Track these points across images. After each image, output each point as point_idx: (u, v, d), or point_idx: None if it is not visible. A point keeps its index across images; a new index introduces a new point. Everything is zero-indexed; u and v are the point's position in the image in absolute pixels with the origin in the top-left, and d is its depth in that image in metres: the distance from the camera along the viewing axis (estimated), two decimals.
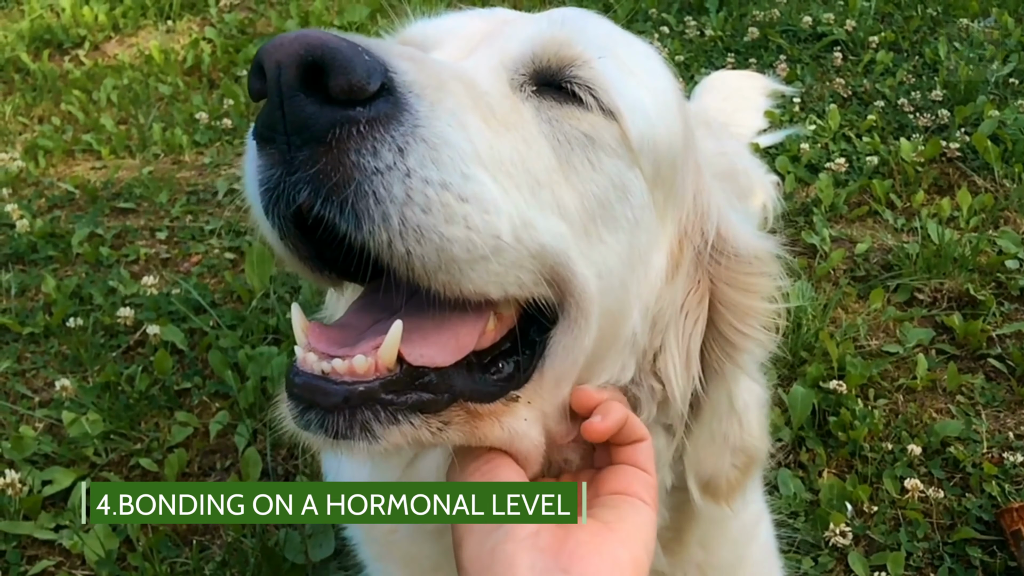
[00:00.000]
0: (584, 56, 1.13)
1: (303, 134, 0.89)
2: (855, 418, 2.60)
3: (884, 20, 5.30)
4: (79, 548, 2.32)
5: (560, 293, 1.10)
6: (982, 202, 3.55)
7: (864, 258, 3.33)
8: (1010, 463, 2.46)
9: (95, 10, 5.98)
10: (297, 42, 0.87)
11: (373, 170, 0.90)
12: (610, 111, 1.12)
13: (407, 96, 0.93)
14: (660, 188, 1.20)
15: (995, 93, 4.37)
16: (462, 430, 1.06)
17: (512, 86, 1.12)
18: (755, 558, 1.74)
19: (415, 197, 0.91)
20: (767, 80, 4.40)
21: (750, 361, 1.32)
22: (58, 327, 3.11)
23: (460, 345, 1.05)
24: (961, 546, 2.28)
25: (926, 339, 2.94)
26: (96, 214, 3.84)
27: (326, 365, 0.97)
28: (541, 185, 1.06)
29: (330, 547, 2.26)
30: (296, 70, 0.87)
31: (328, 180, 0.90)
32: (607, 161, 1.12)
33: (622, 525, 1.07)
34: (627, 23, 5.34)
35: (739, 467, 1.38)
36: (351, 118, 0.89)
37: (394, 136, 0.91)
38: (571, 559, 0.99)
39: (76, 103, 4.87)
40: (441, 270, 0.95)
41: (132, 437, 2.68)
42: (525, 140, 1.06)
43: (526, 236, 1.02)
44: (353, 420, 0.97)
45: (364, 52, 0.89)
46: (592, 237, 1.11)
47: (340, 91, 0.87)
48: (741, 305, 1.27)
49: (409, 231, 0.91)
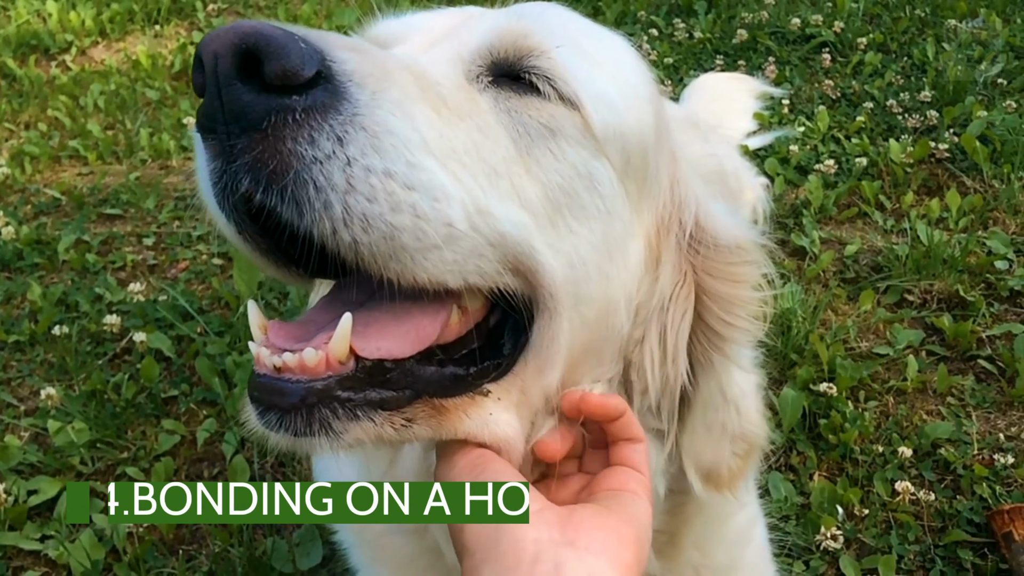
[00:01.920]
0: (542, 46, 1.12)
1: (240, 122, 0.89)
2: (845, 420, 2.59)
3: (872, 21, 5.30)
4: (65, 558, 2.30)
5: (531, 285, 1.09)
6: (971, 203, 3.55)
7: (854, 260, 3.33)
8: (1001, 465, 2.45)
9: (82, 15, 5.95)
10: (232, 32, 0.88)
11: (312, 158, 0.89)
12: (570, 100, 1.11)
13: (346, 84, 0.92)
14: (632, 178, 1.19)
15: (983, 94, 4.38)
16: (428, 425, 1.05)
17: (468, 77, 1.11)
18: (750, 561, 1.73)
19: (357, 185, 0.91)
20: (756, 82, 4.40)
21: (739, 351, 1.31)
22: (44, 335, 3.09)
23: (420, 337, 1.04)
24: (952, 548, 2.27)
25: (916, 341, 2.93)
26: (82, 220, 3.81)
27: (277, 360, 0.97)
28: (499, 175, 1.05)
29: (318, 555, 2.24)
30: (232, 59, 0.87)
31: (266, 167, 0.89)
32: (570, 151, 1.11)
33: (624, 509, 1.08)
34: (616, 25, 5.32)
35: (740, 454, 1.37)
36: (287, 106, 0.89)
37: (332, 125, 0.90)
38: (576, 533, 1.00)
39: (63, 109, 4.84)
40: (392, 259, 0.95)
41: (118, 446, 2.66)
42: (480, 130, 1.06)
43: (483, 224, 1.01)
44: (311, 419, 0.97)
45: (300, 40, 0.89)
46: (560, 227, 1.10)
47: (274, 77, 0.87)
48: (726, 295, 1.26)
49: (354, 219, 0.91)
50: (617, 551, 1.01)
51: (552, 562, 0.95)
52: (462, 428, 1.08)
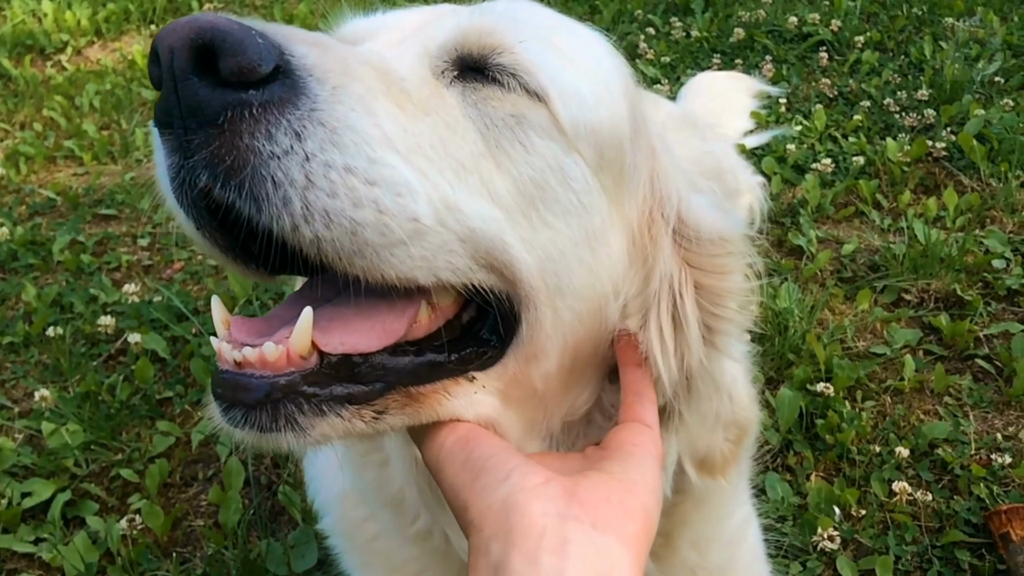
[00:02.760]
0: (506, 43, 1.10)
1: (197, 117, 0.88)
2: (843, 420, 2.59)
3: (870, 20, 5.30)
4: (59, 561, 2.29)
5: (508, 280, 1.08)
6: (968, 202, 3.54)
7: (851, 259, 3.32)
8: (998, 464, 2.44)
9: (78, 15, 5.94)
10: (188, 26, 0.86)
11: (269, 154, 0.88)
12: (537, 95, 1.09)
13: (305, 80, 0.91)
14: (607, 172, 1.17)
15: (981, 92, 4.37)
16: (403, 414, 1.04)
17: (434, 73, 1.10)
18: (744, 560, 1.73)
19: (317, 181, 0.89)
20: (753, 81, 4.39)
21: (729, 342, 1.30)
22: (38, 336, 3.08)
23: (386, 332, 1.03)
24: (950, 549, 2.26)
25: (913, 340, 2.93)
26: (77, 221, 3.81)
27: (237, 354, 0.95)
28: (467, 169, 1.04)
29: (313, 558, 2.23)
30: (188, 53, 0.86)
31: (222, 162, 0.88)
32: (540, 144, 1.09)
33: (628, 475, 1.07)
34: (613, 24, 5.33)
35: (732, 440, 1.37)
36: (243, 101, 0.87)
37: (290, 120, 0.89)
38: (582, 506, 0.99)
39: (58, 109, 4.83)
40: (357, 255, 0.93)
41: (113, 447, 2.64)
42: (447, 125, 1.04)
43: (451, 219, 1.00)
44: (276, 414, 0.95)
45: (258, 35, 0.88)
46: (534, 221, 1.09)
47: (230, 73, 0.86)
48: (713, 287, 1.25)
49: (315, 215, 0.90)
50: (623, 524, 1.00)
51: (558, 537, 0.95)
52: (443, 410, 1.08)
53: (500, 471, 1.02)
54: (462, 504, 1.03)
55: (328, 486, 1.72)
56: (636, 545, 0.99)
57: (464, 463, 1.05)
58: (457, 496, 1.04)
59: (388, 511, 1.47)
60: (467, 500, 1.02)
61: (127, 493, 2.53)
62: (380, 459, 1.42)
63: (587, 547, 0.95)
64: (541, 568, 0.91)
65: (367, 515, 1.55)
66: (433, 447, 1.09)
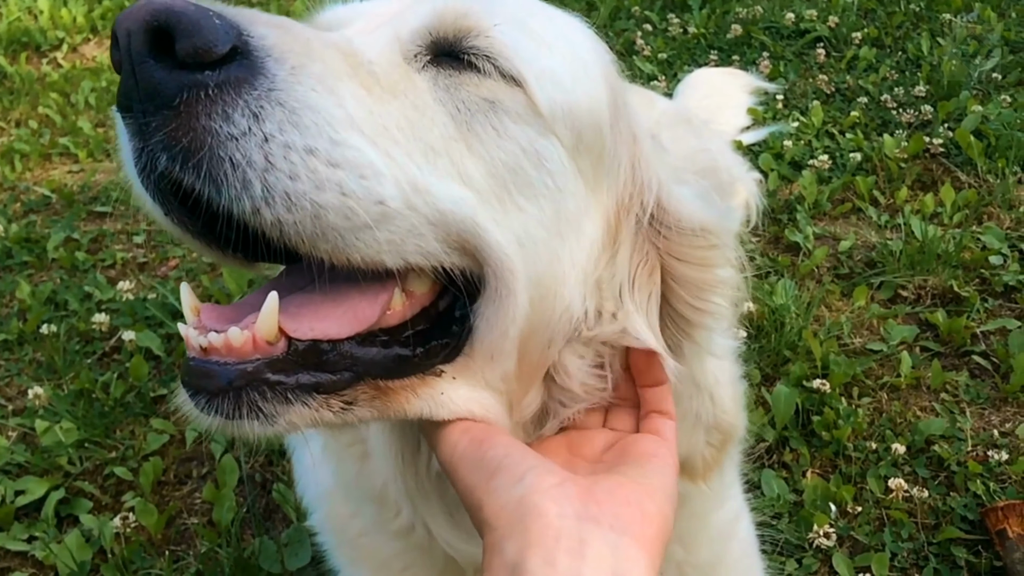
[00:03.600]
0: (481, 26, 1.09)
1: (154, 100, 0.87)
2: (839, 417, 2.58)
3: (867, 16, 5.28)
4: (52, 559, 2.28)
5: (479, 264, 1.07)
6: (965, 198, 3.53)
7: (848, 255, 3.31)
8: (995, 461, 2.44)
9: (73, 12, 5.93)
10: (145, 8, 0.86)
11: (227, 135, 0.87)
12: (512, 77, 1.08)
13: (264, 60, 0.90)
14: (585, 156, 1.16)
15: (978, 88, 4.36)
16: (371, 407, 1.03)
17: (406, 57, 1.09)
18: (734, 556, 1.71)
19: (277, 163, 0.89)
20: (750, 77, 4.38)
21: (709, 337, 1.28)
22: (32, 334, 3.07)
23: (358, 319, 1.02)
24: (946, 546, 2.26)
25: (910, 336, 2.92)
26: (72, 218, 3.80)
27: (203, 339, 0.95)
28: (437, 152, 1.03)
29: (306, 556, 2.22)
30: (144, 36, 0.86)
31: (179, 143, 0.88)
32: (513, 128, 1.08)
33: (648, 480, 1.07)
34: (610, 20, 5.31)
35: (714, 445, 1.36)
36: (199, 82, 0.87)
37: (247, 100, 0.88)
38: (600, 507, 0.99)
39: (53, 106, 4.82)
40: (321, 239, 0.92)
41: (107, 445, 2.64)
42: (416, 107, 1.03)
43: (420, 202, 0.99)
44: (240, 402, 0.95)
45: (215, 16, 0.87)
46: (507, 204, 1.08)
47: (186, 54, 0.86)
48: (693, 279, 1.24)
49: (276, 198, 0.89)
50: (641, 527, 0.99)
51: (576, 539, 0.94)
52: (411, 409, 1.07)
53: (515, 471, 1.02)
54: (476, 503, 1.02)
55: (316, 482, 1.72)
56: (652, 547, 0.99)
57: (478, 463, 1.05)
58: (471, 495, 1.04)
59: (371, 506, 1.46)
60: (481, 499, 1.02)
61: (121, 491, 2.52)
62: (361, 451, 1.41)
63: (604, 548, 0.95)
64: (559, 569, 0.91)
65: (353, 511, 1.55)
66: (447, 447, 1.09)
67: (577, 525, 0.96)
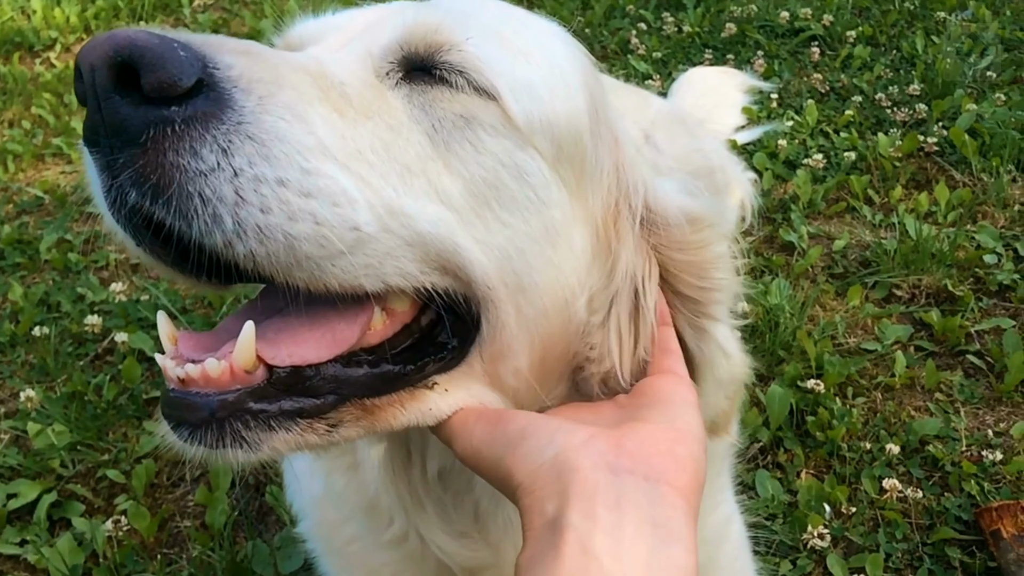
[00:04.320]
0: (453, 40, 1.08)
1: (121, 136, 0.86)
2: (833, 417, 2.58)
3: (861, 14, 5.27)
4: (44, 563, 2.27)
5: (463, 282, 1.06)
6: (960, 197, 3.53)
7: (842, 255, 3.31)
8: (989, 461, 2.43)
9: (67, 12, 5.90)
10: (108, 43, 0.84)
11: (195, 171, 0.86)
12: (486, 91, 1.07)
13: (231, 91, 0.89)
14: (567, 165, 1.16)
15: (973, 87, 4.35)
16: (359, 426, 1.03)
17: (379, 75, 1.07)
18: (727, 558, 1.72)
19: (248, 197, 0.87)
20: (745, 76, 4.37)
21: (723, 309, 1.30)
22: (24, 336, 3.06)
23: (337, 341, 1.01)
24: (940, 546, 2.26)
25: (904, 336, 2.91)
26: (65, 219, 3.78)
27: (180, 371, 0.94)
28: (413, 173, 1.01)
29: (299, 559, 2.21)
30: (108, 72, 0.84)
31: (148, 180, 0.86)
32: (490, 142, 1.07)
33: (674, 424, 1.06)
34: (604, 19, 5.30)
35: (730, 396, 1.37)
36: (165, 117, 0.85)
37: (215, 135, 0.87)
38: (632, 459, 0.99)
39: (47, 106, 4.79)
40: (295, 268, 0.92)
41: (100, 448, 2.63)
42: (391, 128, 1.02)
43: (396, 225, 0.98)
44: (223, 432, 0.94)
45: (180, 48, 0.85)
46: (488, 220, 1.07)
47: (151, 89, 0.84)
48: (694, 263, 1.25)
49: (247, 232, 0.88)
50: (676, 474, 0.99)
51: (613, 492, 0.95)
52: (398, 423, 1.06)
53: (542, 436, 1.02)
54: (506, 474, 1.01)
55: (305, 489, 1.71)
56: (689, 494, 1.00)
57: (500, 440, 1.04)
58: (499, 469, 1.03)
59: (361, 516, 1.46)
60: (511, 468, 1.01)
61: (113, 494, 2.52)
62: (351, 462, 1.41)
63: (641, 498, 0.95)
64: (599, 522, 0.91)
65: (343, 519, 1.54)
66: (463, 439, 1.08)
67: (612, 478, 0.96)
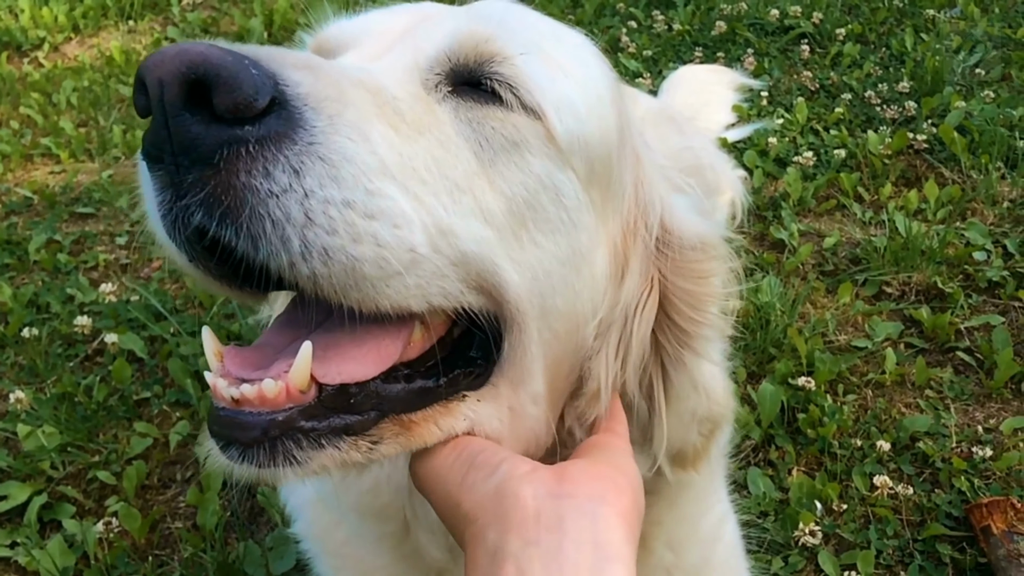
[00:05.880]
0: (504, 52, 1.08)
1: (190, 155, 0.84)
2: (824, 415, 2.58)
3: (851, 12, 5.29)
4: (35, 565, 2.26)
5: (495, 301, 1.06)
6: (949, 194, 3.54)
7: (832, 252, 3.32)
8: (979, 457, 2.44)
9: (55, 11, 5.88)
10: (178, 58, 0.82)
11: (267, 192, 0.85)
12: (533, 110, 1.07)
13: (302, 111, 0.87)
14: (596, 186, 1.16)
15: (961, 84, 4.37)
16: (396, 443, 1.03)
17: (426, 87, 1.07)
18: (721, 558, 1.72)
19: (316, 219, 0.86)
20: (735, 74, 4.38)
21: (709, 347, 1.29)
22: (13, 337, 3.04)
23: (382, 357, 1.01)
24: (931, 543, 2.26)
25: (895, 333, 2.92)
26: (54, 220, 3.76)
27: (235, 391, 0.93)
28: (461, 190, 1.01)
29: (291, 560, 2.21)
30: (179, 88, 0.82)
31: (219, 204, 0.85)
32: (534, 162, 1.07)
33: (612, 460, 1.09)
34: (595, 17, 5.31)
35: (704, 434, 1.36)
36: (239, 137, 0.84)
37: (288, 156, 0.85)
38: (574, 483, 1.00)
39: (35, 106, 4.77)
40: (353, 288, 0.91)
41: (90, 449, 2.61)
42: (441, 144, 1.02)
43: (445, 245, 0.98)
44: (275, 451, 0.93)
45: (251, 65, 0.84)
46: (524, 241, 1.07)
47: (226, 110, 0.82)
48: (693, 292, 1.24)
49: (313, 253, 0.87)
50: (616, 497, 1.01)
51: (555, 516, 0.95)
52: (432, 437, 1.06)
53: (489, 464, 1.03)
54: (454, 504, 1.02)
55: (299, 490, 1.70)
56: (629, 518, 1.00)
57: (452, 465, 1.05)
58: (448, 499, 1.04)
59: (353, 516, 1.45)
60: (458, 498, 1.02)
61: (104, 495, 2.51)
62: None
63: (583, 519, 0.96)
64: (540, 547, 0.92)
65: (338, 519, 1.54)
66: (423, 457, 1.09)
67: (554, 503, 0.97)
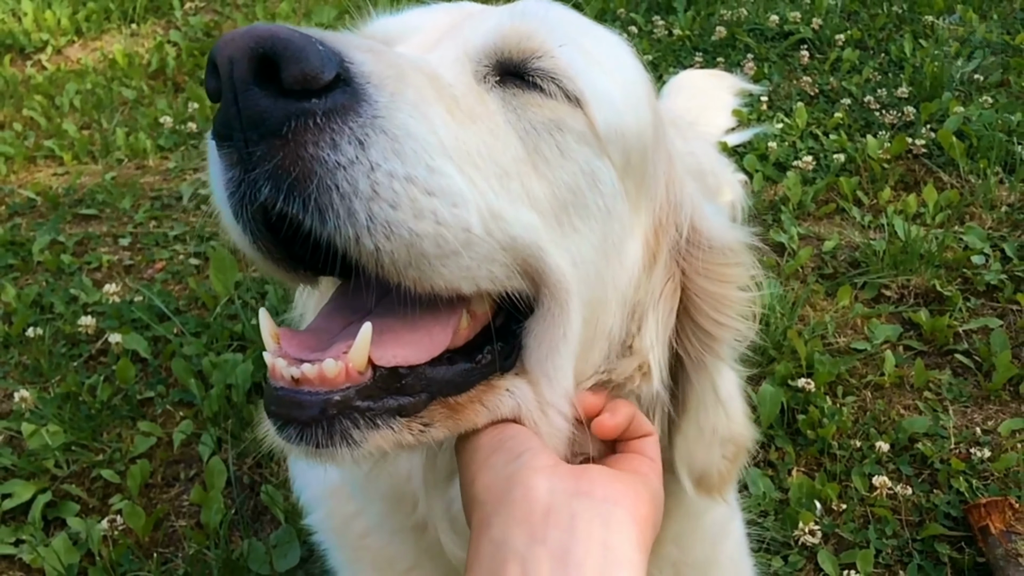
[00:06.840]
0: (546, 47, 1.11)
1: (259, 128, 0.86)
2: (824, 416, 2.60)
3: (850, 18, 5.32)
4: (39, 562, 2.27)
5: (535, 285, 1.09)
6: (948, 198, 3.56)
7: (832, 256, 3.34)
8: (977, 458, 2.46)
9: (58, 14, 5.90)
10: (248, 35, 0.85)
11: (335, 164, 0.87)
12: (575, 98, 1.10)
13: (365, 87, 0.90)
14: (631, 178, 1.19)
15: (960, 90, 4.40)
16: (445, 426, 1.05)
17: (476, 78, 1.10)
18: (727, 555, 1.73)
19: (381, 192, 0.89)
20: (735, 79, 4.41)
21: (729, 350, 1.31)
22: (18, 337, 3.06)
23: (434, 343, 1.03)
24: (930, 543, 2.28)
25: (893, 336, 2.94)
26: (58, 221, 3.78)
27: (295, 371, 0.95)
28: (510, 176, 1.04)
29: (295, 557, 2.22)
30: (248, 63, 0.85)
31: (288, 175, 0.87)
32: (576, 148, 1.10)
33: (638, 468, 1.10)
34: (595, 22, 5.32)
35: (728, 458, 1.37)
36: (306, 110, 0.86)
37: (352, 128, 0.88)
38: (591, 484, 1.01)
39: (38, 108, 4.79)
40: (411, 266, 0.93)
41: (94, 448, 2.63)
42: (491, 131, 1.05)
43: (496, 228, 1.00)
44: (332, 430, 0.96)
45: (318, 42, 0.87)
46: (565, 226, 1.10)
47: (294, 81, 0.85)
48: (717, 295, 1.26)
49: (377, 227, 0.89)
50: (633, 503, 1.01)
51: (567, 513, 0.96)
52: (480, 419, 1.09)
53: (514, 451, 1.04)
54: (470, 479, 1.04)
55: (316, 481, 1.71)
56: (643, 526, 1.01)
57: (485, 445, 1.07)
58: (469, 472, 1.06)
59: (379, 504, 1.46)
60: (475, 474, 1.04)
61: (108, 494, 2.52)
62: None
63: (595, 519, 0.96)
64: (548, 545, 0.93)
65: (357, 510, 1.55)
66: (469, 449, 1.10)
67: (568, 500, 0.97)
